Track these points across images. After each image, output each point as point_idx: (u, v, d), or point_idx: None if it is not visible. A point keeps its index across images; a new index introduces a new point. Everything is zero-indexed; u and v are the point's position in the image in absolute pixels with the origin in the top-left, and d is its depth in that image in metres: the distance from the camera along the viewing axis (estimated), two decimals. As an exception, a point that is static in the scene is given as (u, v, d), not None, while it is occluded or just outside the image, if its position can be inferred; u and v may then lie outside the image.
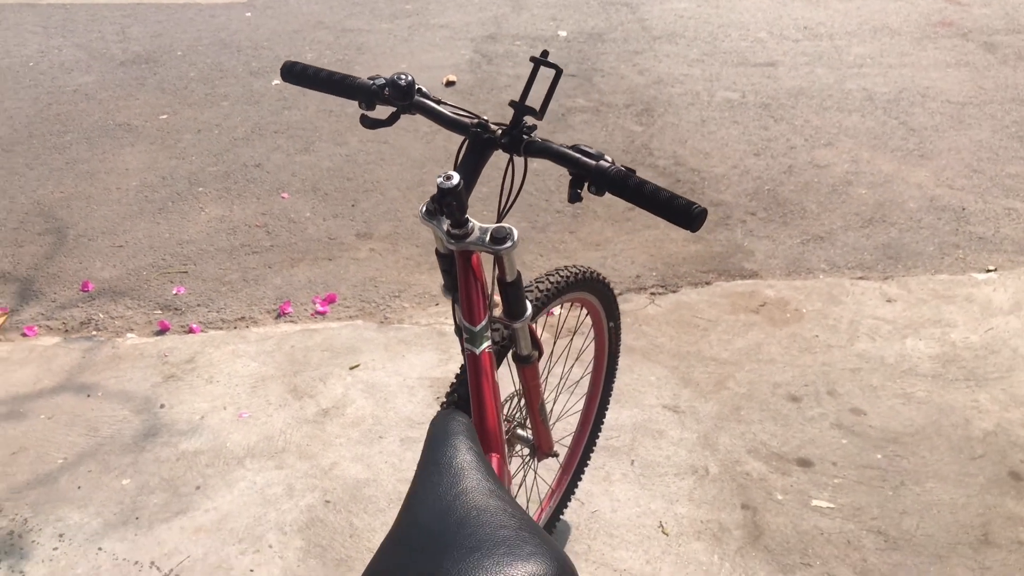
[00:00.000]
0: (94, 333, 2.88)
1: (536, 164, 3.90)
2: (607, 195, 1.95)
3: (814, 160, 4.00)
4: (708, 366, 2.70)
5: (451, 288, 1.43)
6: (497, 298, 1.47)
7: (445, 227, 1.33)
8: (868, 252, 3.32)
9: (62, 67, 4.98)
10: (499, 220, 1.39)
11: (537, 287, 1.65)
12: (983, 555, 2.08)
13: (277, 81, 4.77)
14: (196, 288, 3.11)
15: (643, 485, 2.27)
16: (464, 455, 0.92)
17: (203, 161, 3.96)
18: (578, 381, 2.24)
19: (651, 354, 2.75)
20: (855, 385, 2.61)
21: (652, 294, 3.07)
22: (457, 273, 1.37)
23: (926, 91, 4.70)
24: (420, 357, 2.73)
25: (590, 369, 2.08)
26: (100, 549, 2.08)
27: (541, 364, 1.71)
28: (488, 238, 1.32)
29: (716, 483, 2.27)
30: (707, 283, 3.14)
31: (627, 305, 3.00)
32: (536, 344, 1.58)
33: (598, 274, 1.81)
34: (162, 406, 2.52)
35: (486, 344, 1.33)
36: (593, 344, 2.01)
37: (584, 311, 1.92)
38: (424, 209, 1.36)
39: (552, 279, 1.68)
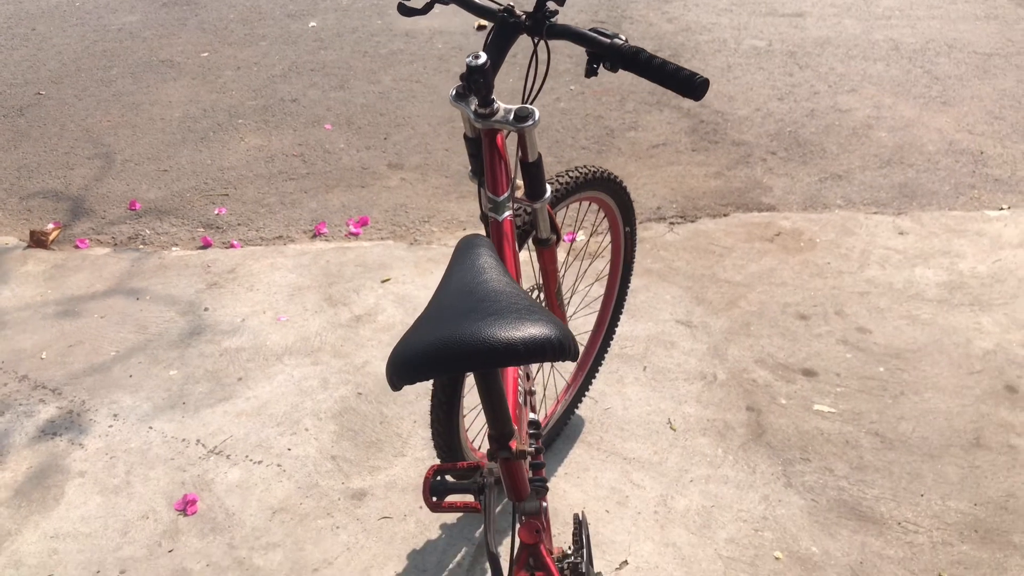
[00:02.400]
0: (141, 247, 3.06)
1: (564, 104, 4.02)
2: (636, 132, 2.05)
3: (837, 105, 4.08)
4: (721, 287, 2.82)
5: (478, 172, 1.57)
6: (520, 182, 1.61)
7: (473, 107, 1.47)
8: (884, 190, 3.41)
9: (107, 7, 5.15)
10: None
11: (557, 180, 1.79)
12: (973, 456, 2.20)
13: (313, 23, 4.90)
14: (236, 209, 3.27)
15: (654, 388, 2.41)
16: (486, 258, 1.06)
17: (242, 96, 4.11)
18: (592, 284, 2.38)
19: (667, 276, 2.88)
20: (862, 307, 2.73)
21: (671, 223, 3.20)
22: (483, 152, 1.50)
23: (953, 42, 4.74)
24: (447, 273, 2.88)
25: (606, 272, 2.21)
26: (151, 428, 2.26)
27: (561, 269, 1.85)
28: (512, 116, 1.45)
29: (723, 388, 2.41)
30: (725, 215, 3.25)
31: (646, 232, 3.12)
32: (555, 229, 1.72)
33: (616, 176, 1.94)
34: (206, 309, 2.70)
35: (507, 213, 1.47)
36: (610, 247, 2.14)
37: (601, 213, 2.05)
38: (454, 92, 1.49)
39: (572, 174, 1.81)
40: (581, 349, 2.30)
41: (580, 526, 1.43)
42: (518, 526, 1.23)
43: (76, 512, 2.04)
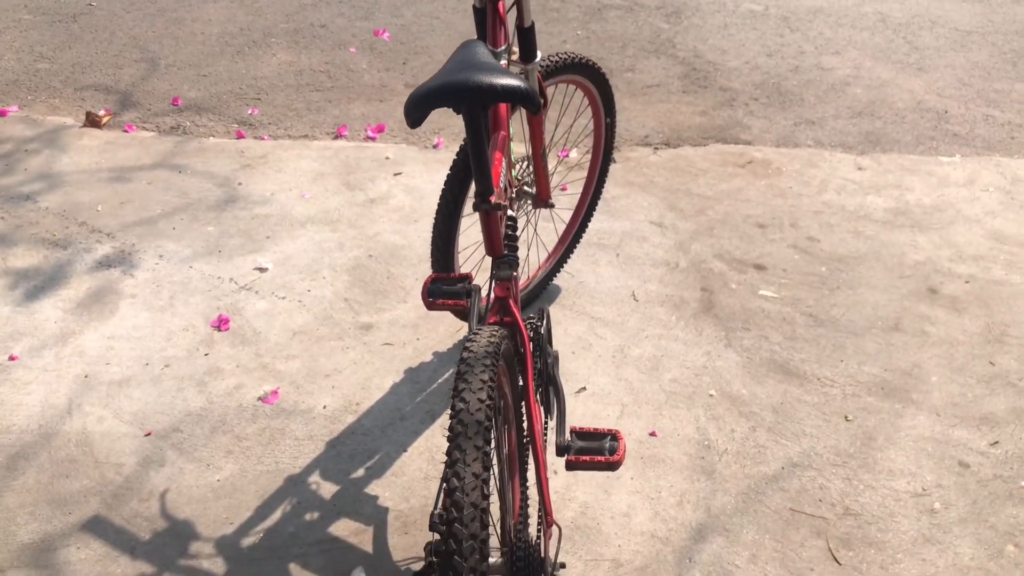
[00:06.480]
0: (183, 135, 3.44)
1: (570, 46, 4.38)
2: (633, 74, 2.39)
3: (820, 64, 4.44)
4: (693, 199, 3.20)
5: (482, 38, 1.94)
6: (515, 48, 1.98)
7: (481, -23, 1.84)
8: (852, 136, 3.77)
9: (152, -64, 5.51)
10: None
11: (548, 58, 2.16)
12: (890, 336, 2.58)
13: (344, -37, 5.26)
14: (267, 111, 3.65)
15: (623, 269, 2.79)
16: (481, 47, 1.42)
17: (276, 19, 4.48)
18: (574, 165, 2.75)
19: (647, 188, 3.26)
20: (815, 222, 3.10)
21: (655, 148, 3.57)
22: (487, 17, 1.88)
23: (937, 18, 5.08)
24: (452, 171, 3.25)
25: (589, 156, 2.59)
26: (191, 267, 2.65)
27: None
28: (512, -15, 1.83)
29: (683, 272, 2.79)
30: (704, 144, 3.62)
31: (632, 154, 3.50)
32: (543, 93, 2.09)
33: (600, 67, 2.31)
34: (240, 184, 3.08)
35: (504, 59, 1.85)
36: (592, 136, 2.52)
37: (585, 101, 2.43)
38: (467, -33, 1.87)
39: (561, 55, 2.19)
40: (562, 227, 2.68)
41: (542, 312, 1.81)
42: (494, 285, 1.61)
43: (128, 322, 2.43)
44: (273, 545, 1.89)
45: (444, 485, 1.17)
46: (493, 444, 1.24)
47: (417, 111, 1.32)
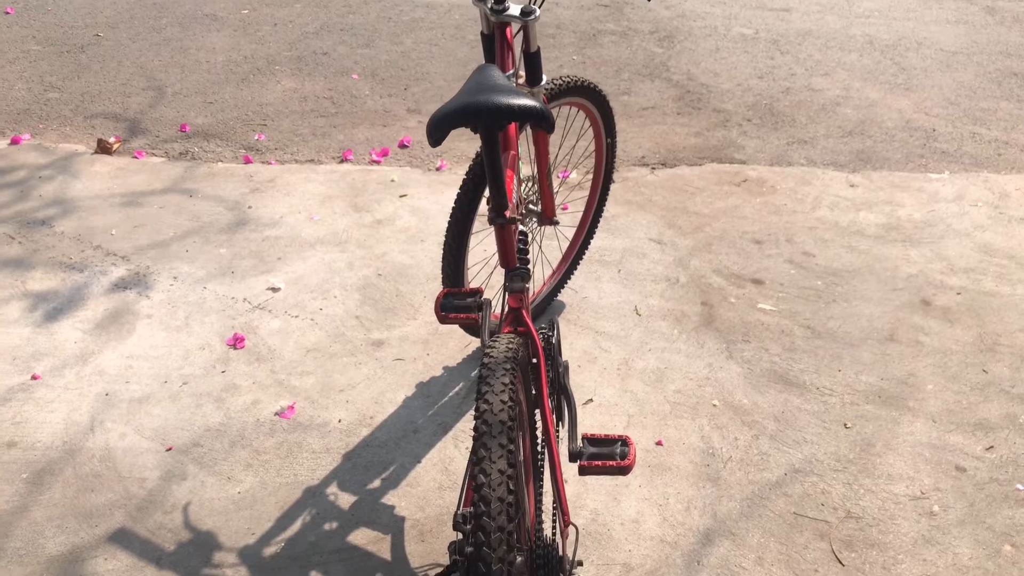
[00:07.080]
0: (191, 160, 3.52)
1: (567, 70, 4.48)
2: (629, 97, 2.49)
3: (811, 85, 4.55)
4: (691, 216, 3.29)
5: (489, 62, 2.03)
6: (522, 72, 2.07)
7: (489, 4, 1.93)
8: (843, 155, 3.87)
9: (155, -32, 5.62)
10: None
11: (552, 82, 2.25)
12: (886, 347, 2.66)
13: (343, -8, 5.37)
14: (273, 137, 3.74)
15: (625, 284, 2.87)
16: (496, 71, 1.51)
17: (279, 47, 4.58)
18: (579, 183, 2.83)
19: (645, 206, 3.35)
20: (810, 237, 3.19)
21: (652, 168, 3.66)
22: (495, 42, 1.97)
23: (923, 40, 5.22)
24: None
25: (590, 175, 2.67)
26: (205, 288, 2.72)
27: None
28: (519, 12, 1.92)
29: (683, 288, 2.87)
30: (700, 164, 3.72)
31: (630, 174, 3.59)
32: (548, 115, 2.17)
33: (601, 90, 2.40)
34: (249, 207, 3.16)
35: (512, 83, 1.93)
36: (594, 154, 2.61)
37: (587, 122, 2.52)
38: (475, -4, 1.96)
39: (564, 79, 2.27)
40: (566, 244, 2.76)
41: (552, 323, 1.89)
42: (508, 296, 1.69)
43: (146, 342, 2.50)
44: (294, 554, 1.94)
45: (470, 482, 1.24)
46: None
47: (439, 131, 1.41)
